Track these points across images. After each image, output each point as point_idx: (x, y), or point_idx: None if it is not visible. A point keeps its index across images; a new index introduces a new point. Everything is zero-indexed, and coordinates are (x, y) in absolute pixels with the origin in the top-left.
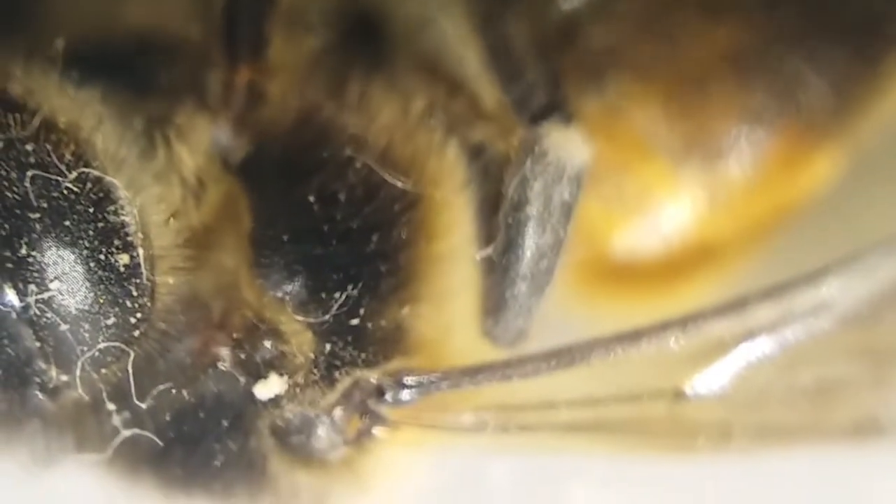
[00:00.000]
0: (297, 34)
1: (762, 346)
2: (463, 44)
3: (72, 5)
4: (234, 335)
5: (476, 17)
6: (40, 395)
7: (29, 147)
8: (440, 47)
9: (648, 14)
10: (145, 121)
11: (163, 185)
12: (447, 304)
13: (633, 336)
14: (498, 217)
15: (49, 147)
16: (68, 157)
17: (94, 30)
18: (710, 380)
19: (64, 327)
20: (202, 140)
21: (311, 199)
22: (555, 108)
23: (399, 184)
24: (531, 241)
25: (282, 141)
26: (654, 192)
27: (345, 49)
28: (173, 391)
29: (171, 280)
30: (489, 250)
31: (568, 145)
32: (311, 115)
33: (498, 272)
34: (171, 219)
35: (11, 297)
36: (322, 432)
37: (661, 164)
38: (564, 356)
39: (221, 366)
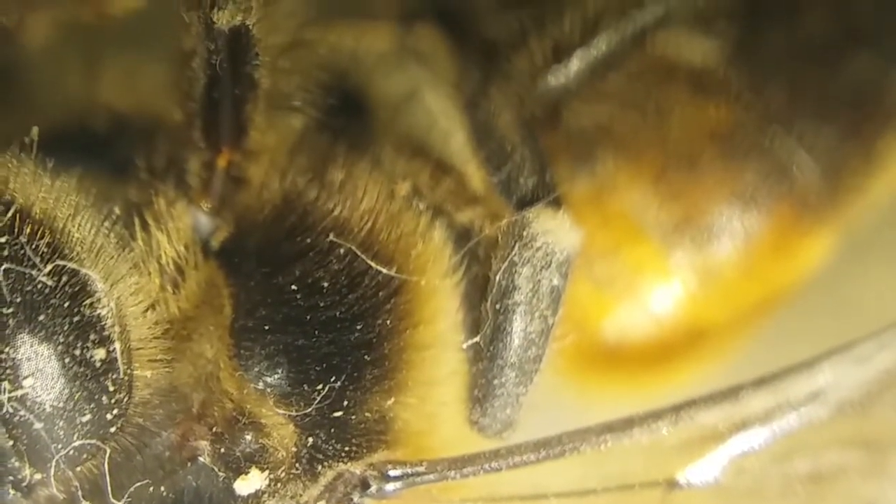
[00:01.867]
0: (278, 115)
1: (756, 435)
2: (448, 120)
3: (47, 89)
4: (214, 428)
5: (460, 95)
6: (14, 493)
7: (2, 239)
8: (425, 124)
9: (636, 92)
10: (123, 206)
11: (141, 274)
12: (433, 393)
13: (625, 425)
14: (485, 303)
15: (23, 239)
16: (43, 248)
17: (70, 113)
18: (703, 469)
19: (38, 425)
20: (182, 226)
21: (293, 287)
22: (543, 191)
23: (383, 270)
24: (519, 329)
25: (263, 226)
26: (644, 273)
27: (328, 128)
28: (151, 487)
29: (148, 373)
30: (476, 339)
31: (557, 230)
32: (293, 199)
33: (485, 360)
34: (150, 310)
35: None
36: None
37: (651, 246)
38: (554, 446)
39: (201, 460)
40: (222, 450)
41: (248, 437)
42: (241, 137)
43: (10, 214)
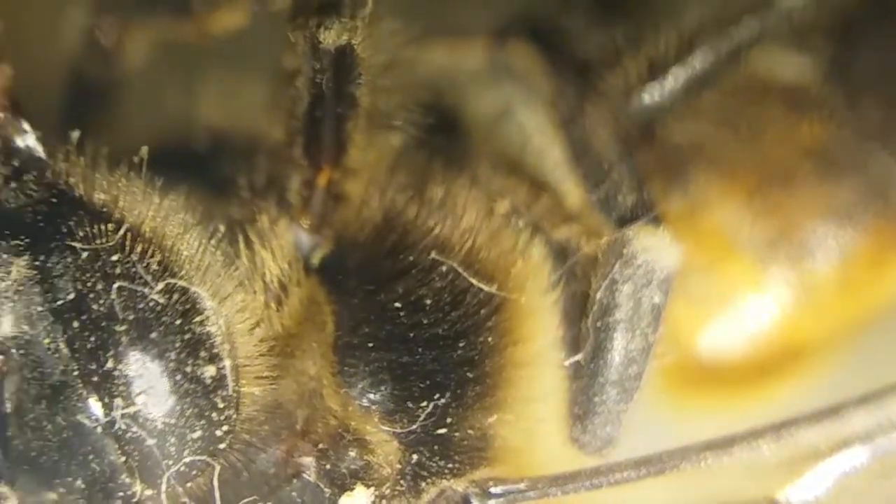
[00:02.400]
0: (377, 133)
1: (858, 454)
2: (543, 137)
3: (146, 108)
4: (319, 444)
5: (555, 112)
6: None
7: (115, 258)
8: (519, 142)
9: (730, 110)
10: (227, 225)
11: (246, 291)
12: (532, 410)
13: (726, 443)
14: (583, 321)
15: (135, 258)
16: (154, 267)
17: (170, 132)
18: (804, 488)
19: (150, 441)
20: (285, 243)
21: (397, 305)
22: (642, 208)
23: (485, 288)
24: (620, 347)
25: (365, 244)
26: (739, 291)
27: (425, 146)
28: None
29: (255, 390)
30: (577, 356)
31: (657, 248)
32: (395, 217)
33: (585, 378)
34: (255, 327)
35: (97, 411)
36: None
37: (746, 263)
38: (655, 464)
39: (306, 476)
40: (327, 466)
41: (353, 454)
42: (341, 155)
43: (121, 233)
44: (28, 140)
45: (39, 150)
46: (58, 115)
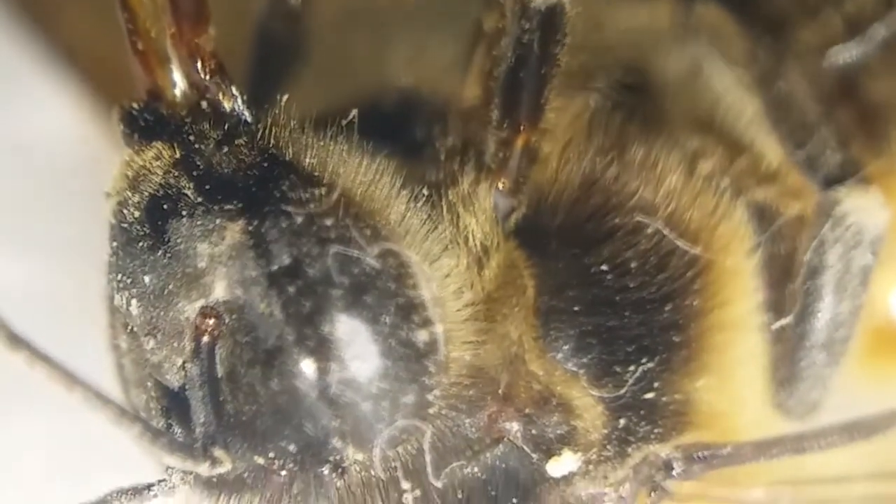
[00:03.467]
0: (574, 94)
1: None
2: (735, 98)
3: (336, 70)
4: (524, 409)
5: (748, 72)
6: (332, 475)
7: (329, 222)
8: (710, 102)
9: None
10: (430, 188)
11: (451, 256)
12: (737, 375)
13: None
14: (787, 283)
15: (349, 222)
16: (367, 231)
17: (361, 94)
18: None
19: (364, 405)
20: (485, 206)
21: (603, 268)
22: (850, 169)
23: (691, 250)
24: (829, 309)
25: (565, 207)
26: None
27: (621, 107)
28: (465, 469)
29: (463, 355)
30: (786, 319)
31: (868, 208)
32: (595, 179)
33: (791, 341)
34: (461, 291)
35: (312, 375)
36: None
37: None
38: (863, 429)
39: (512, 441)
40: (533, 431)
41: (558, 419)
42: (539, 117)
43: (334, 197)
44: (237, 104)
45: (248, 114)
46: (247, 76)
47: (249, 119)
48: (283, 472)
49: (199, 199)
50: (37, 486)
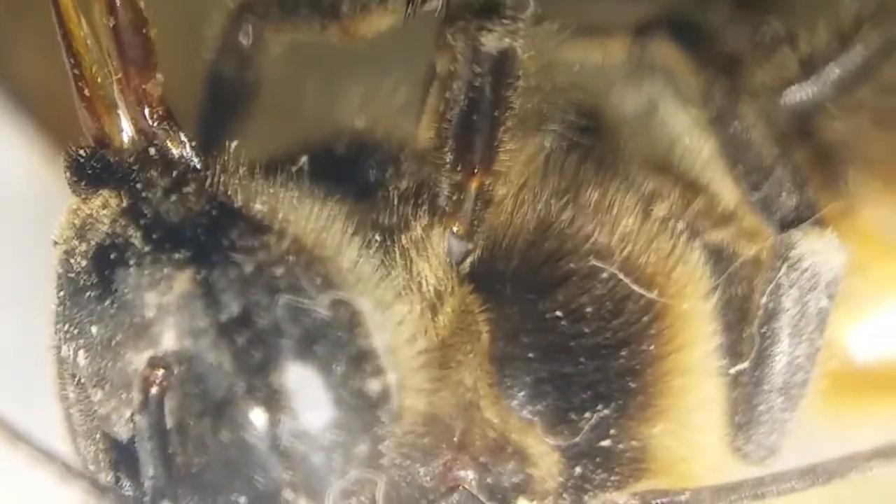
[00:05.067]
0: (527, 135)
1: None
2: (691, 137)
3: (286, 112)
4: (479, 457)
5: (704, 111)
6: None
7: (279, 271)
8: (667, 142)
9: (884, 108)
10: (382, 233)
11: (404, 302)
12: (693, 419)
13: (894, 451)
14: (743, 326)
15: (299, 270)
16: (318, 280)
17: (312, 137)
18: None
19: (315, 457)
20: (438, 251)
21: (558, 313)
22: (806, 212)
23: (647, 294)
24: (786, 353)
25: (520, 251)
26: (891, 292)
27: (575, 148)
28: None
29: (415, 403)
30: (743, 364)
31: (824, 250)
32: (550, 222)
33: (749, 386)
34: (414, 338)
35: (262, 427)
36: None
37: None
38: (821, 473)
39: (468, 489)
40: (488, 480)
41: (514, 467)
42: (492, 160)
43: (284, 245)
44: (185, 150)
45: (197, 161)
46: (197, 121)
47: (198, 166)
48: None
49: (147, 248)
50: None
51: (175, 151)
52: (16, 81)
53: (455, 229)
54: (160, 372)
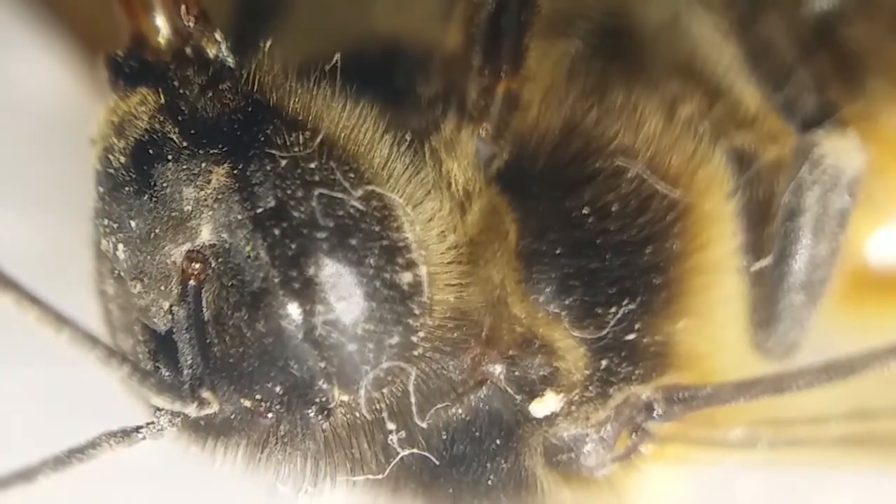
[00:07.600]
0: (554, 40)
1: None
2: (713, 44)
3: (319, 19)
4: (507, 351)
5: (725, 18)
6: (318, 417)
7: (313, 165)
8: (689, 49)
9: None
10: (412, 134)
11: (434, 200)
12: (716, 317)
13: None
14: (765, 226)
15: (333, 165)
16: (351, 174)
17: (344, 41)
18: None
19: (349, 347)
20: (467, 152)
21: (585, 211)
22: (827, 112)
23: (670, 193)
24: (807, 251)
25: (546, 152)
26: None
27: (600, 53)
28: (449, 410)
29: (446, 297)
30: (764, 261)
31: (845, 150)
32: (576, 123)
33: (770, 283)
34: (444, 234)
35: (297, 317)
36: (591, 449)
37: None
38: (840, 369)
39: (496, 383)
40: (516, 373)
41: (541, 361)
42: (520, 63)
43: (317, 140)
44: (220, 50)
45: (231, 60)
46: (231, 24)
47: (233, 65)
48: (270, 415)
49: (185, 144)
50: (27, 437)
51: (211, 51)
52: (51, 1)
53: (483, 132)
54: (198, 264)
